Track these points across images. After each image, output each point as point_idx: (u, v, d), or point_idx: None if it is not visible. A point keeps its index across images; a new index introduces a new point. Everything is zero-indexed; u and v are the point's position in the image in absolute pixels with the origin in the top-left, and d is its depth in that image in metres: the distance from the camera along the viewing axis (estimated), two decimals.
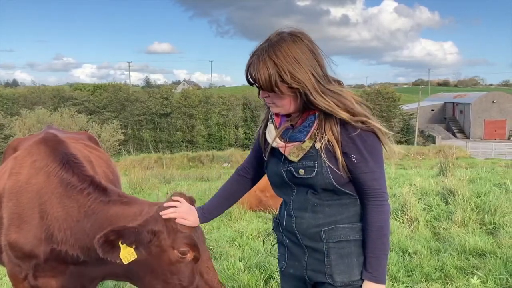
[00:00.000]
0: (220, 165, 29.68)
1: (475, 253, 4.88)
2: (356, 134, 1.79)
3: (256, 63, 1.80)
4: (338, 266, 1.89)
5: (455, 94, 66.80)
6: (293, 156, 1.88)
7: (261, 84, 1.80)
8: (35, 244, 2.31)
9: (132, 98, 47.51)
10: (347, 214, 1.91)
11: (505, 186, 8.10)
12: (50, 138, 2.57)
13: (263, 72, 1.77)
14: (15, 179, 2.42)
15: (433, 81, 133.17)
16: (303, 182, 1.90)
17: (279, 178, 1.99)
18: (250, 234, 5.85)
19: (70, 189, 2.31)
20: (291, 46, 1.78)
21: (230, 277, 4.21)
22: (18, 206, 2.35)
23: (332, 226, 1.89)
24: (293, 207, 1.98)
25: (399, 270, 4.36)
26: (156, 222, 2.04)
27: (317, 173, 1.84)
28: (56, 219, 2.29)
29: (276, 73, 1.76)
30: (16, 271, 2.43)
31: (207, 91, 58.38)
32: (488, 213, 6.11)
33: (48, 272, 2.40)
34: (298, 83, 1.77)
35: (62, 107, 37.85)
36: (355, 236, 1.90)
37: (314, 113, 1.85)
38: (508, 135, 53.41)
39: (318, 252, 1.93)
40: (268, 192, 6.99)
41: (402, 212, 6.31)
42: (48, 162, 2.42)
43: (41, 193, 2.33)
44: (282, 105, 1.88)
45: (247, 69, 1.85)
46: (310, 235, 1.93)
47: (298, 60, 1.77)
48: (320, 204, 1.90)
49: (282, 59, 1.76)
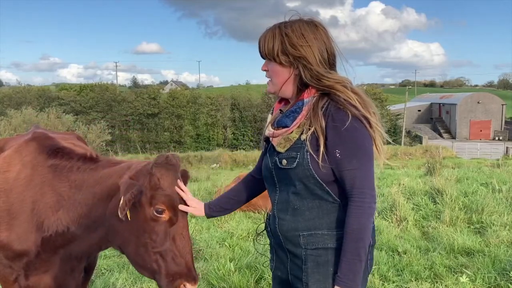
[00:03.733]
0: (209, 165, 29.58)
1: (464, 252, 4.94)
2: (344, 129, 1.70)
3: (266, 32, 1.87)
4: (313, 275, 1.81)
5: (441, 95, 67.57)
6: (280, 147, 1.84)
7: (263, 49, 1.86)
8: (26, 239, 2.27)
9: (119, 98, 47.23)
10: (327, 220, 1.81)
11: (492, 185, 8.20)
12: (40, 136, 2.54)
13: (269, 39, 1.84)
14: (3, 177, 2.38)
15: (420, 82, 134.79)
16: (286, 175, 1.84)
17: (267, 171, 1.96)
18: (240, 235, 5.83)
19: (60, 171, 2.29)
20: (304, 26, 1.83)
21: (221, 278, 4.19)
22: (6, 203, 2.31)
23: (311, 232, 1.81)
24: (277, 208, 1.92)
25: (389, 269, 4.37)
26: (144, 175, 2.00)
27: (298, 164, 1.78)
28: (49, 206, 2.26)
29: (279, 42, 1.82)
30: (6, 273, 2.38)
31: (195, 91, 58.31)
32: (475, 212, 6.19)
33: (40, 268, 2.37)
34: (298, 57, 1.80)
35: (48, 107, 37.36)
36: (334, 244, 1.79)
37: (302, 99, 1.83)
38: (493, 135, 54.16)
39: (297, 258, 1.87)
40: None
41: (391, 212, 6.35)
42: (36, 155, 2.40)
43: (30, 186, 2.31)
44: (277, 83, 1.89)
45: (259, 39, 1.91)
46: (290, 238, 1.87)
47: (305, 37, 1.80)
48: (300, 206, 1.83)
49: (290, 32, 1.81)
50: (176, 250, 2.00)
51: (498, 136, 53.11)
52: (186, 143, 46.44)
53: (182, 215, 2.05)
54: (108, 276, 4.36)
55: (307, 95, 1.83)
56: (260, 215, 6.90)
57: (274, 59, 1.85)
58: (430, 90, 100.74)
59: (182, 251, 2.00)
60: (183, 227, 2.04)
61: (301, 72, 1.82)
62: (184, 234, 2.03)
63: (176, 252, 1.99)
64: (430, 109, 62.45)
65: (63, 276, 2.41)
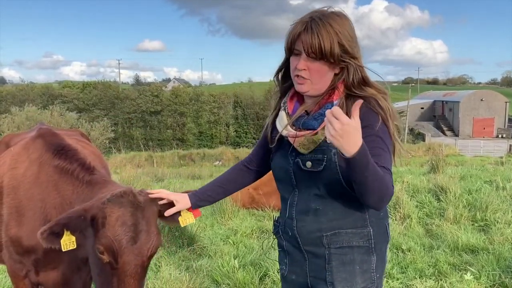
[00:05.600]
0: (211, 163, 29.62)
1: (468, 249, 4.93)
2: (374, 130, 1.67)
3: (316, 27, 1.68)
4: (339, 274, 1.79)
5: (444, 93, 67.29)
6: (303, 148, 1.76)
7: (319, 48, 1.67)
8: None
9: (122, 96, 47.27)
10: (351, 218, 1.79)
11: (496, 183, 8.17)
12: (46, 133, 2.56)
13: (326, 36, 1.67)
14: (11, 174, 2.40)
15: (423, 80, 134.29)
16: (308, 177, 1.79)
17: (284, 172, 1.88)
18: (244, 232, 5.83)
19: (65, 174, 2.27)
20: (349, 23, 1.75)
21: (225, 274, 4.20)
22: (15, 200, 2.34)
23: (335, 231, 1.78)
24: (296, 210, 1.86)
25: (393, 267, 4.37)
26: (97, 209, 1.87)
27: (325, 167, 1.73)
28: (53, 206, 2.27)
29: (337, 42, 1.68)
30: (17, 268, 2.41)
31: (198, 89, 58.21)
32: (479, 210, 6.16)
33: (48, 265, 2.39)
34: (354, 57, 1.72)
35: (51, 105, 37.45)
36: (359, 242, 1.78)
37: (332, 101, 1.75)
38: (496, 133, 53.98)
39: (319, 258, 1.83)
40: (261, 190, 6.99)
41: (395, 210, 6.33)
42: (42, 153, 2.40)
43: (37, 183, 2.32)
44: (320, 82, 1.76)
45: (297, 33, 1.72)
46: (312, 240, 1.82)
47: (351, 36, 1.73)
48: (323, 207, 1.79)
49: (340, 29, 1.69)
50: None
51: (501, 134, 52.91)
52: (189, 140, 46.44)
53: (127, 261, 1.83)
54: None
55: (336, 96, 1.77)
56: (264, 212, 6.90)
57: (328, 60, 1.70)
58: (433, 87, 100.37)
59: None
60: (127, 275, 1.83)
61: (350, 74, 1.74)
62: (127, 281, 1.83)
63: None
64: (433, 107, 62.23)
65: (70, 273, 2.43)
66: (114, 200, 1.88)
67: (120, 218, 1.85)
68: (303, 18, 1.74)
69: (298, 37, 1.72)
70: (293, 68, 1.78)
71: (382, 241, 1.87)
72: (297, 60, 1.75)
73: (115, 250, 1.82)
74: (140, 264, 1.86)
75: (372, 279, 1.83)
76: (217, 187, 2.15)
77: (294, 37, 1.73)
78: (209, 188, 2.15)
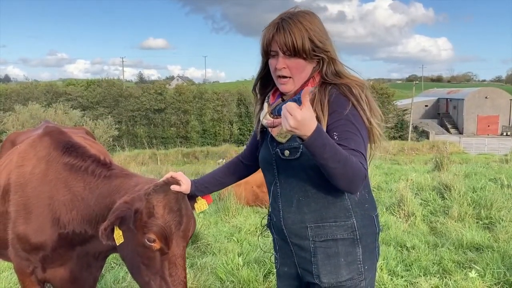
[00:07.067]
0: (215, 161, 29.62)
1: (472, 247, 4.92)
2: (344, 114, 1.71)
3: (287, 26, 1.75)
4: (324, 267, 1.82)
5: (449, 90, 67.09)
6: (280, 137, 1.83)
7: (291, 45, 1.74)
8: (42, 233, 2.31)
9: (126, 93, 47.27)
10: (334, 210, 1.81)
11: (500, 181, 8.15)
12: (53, 130, 2.57)
13: (298, 33, 1.75)
14: (18, 171, 2.42)
15: (427, 77, 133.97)
16: (289, 166, 1.83)
17: (267, 163, 1.94)
18: (248, 229, 5.85)
19: (75, 171, 2.31)
20: (317, 18, 1.83)
21: (230, 272, 4.21)
22: (23, 197, 2.35)
23: (319, 224, 1.82)
24: (281, 201, 1.90)
25: (398, 264, 4.37)
26: (140, 200, 1.97)
27: (301, 154, 1.77)
28: (63, 203, 2.29)
29: (307, 38, 1.76)
30: (24, 265, 2.42)
31: (201, 86, 58.23)
32: (484, 207, 6.16)
33: (56, 262, 2.41)
34: (326, 51, 1.79)
35: (56, 102, 37.55)
36: (343, 234, 1.81)
37: (308, 87, 1.80)
38: (501, 130, 53.77)
39: (304, 250, 1.86)
40: (265, 188, 6.98)
41: (399, 207, 6.33)
42: (50, 151, 2.42)
43: (45, 181, 2.34)
44: (300, 78, 1.82)
45: (271, 35, 1.79)
46: (296, 231, 1.86)
47: (322, 31, 1.81)
48: (305, 198, 1.82)
49: (311, 26, 1.77)
50: (167, 278, 1.98)
51: (506, 132, 52.73)
52: (193, 138, 46.44)
53: (177, 244, 1.99)
54: (118, 270, 4.40)
55: (311, 85, 1.83)
56: (267, 209, 6.91)
57: (301, 55, 1.77)
58: (437, 85, 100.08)
59: (174, 281, 1.98)
60: (178, 257, 1.99)
61: (324, 67, 1.81)
62: (178, 263, 1.99)
63: (168, 281, 1.97)
64: (437, 104, 62.06)
65: (79, 270, 2.45)
66: (159, 190, 1.99)
67: (167, 205, 1.97)
68: (274, 20, 1.82)
69: (272, 39, 1.79)
70: (273, 69, 1.85)
71: (368, 232, 1.88)
72: (276, 61, 1.82)
73: (167, 236, 1.94)
74: (185, 246, 2.04)
75: (360, 271, 1.84)
76: (215, 179, 2.24)
77: (269, 40, 1.80)
78: (207, 180, 2.23)
